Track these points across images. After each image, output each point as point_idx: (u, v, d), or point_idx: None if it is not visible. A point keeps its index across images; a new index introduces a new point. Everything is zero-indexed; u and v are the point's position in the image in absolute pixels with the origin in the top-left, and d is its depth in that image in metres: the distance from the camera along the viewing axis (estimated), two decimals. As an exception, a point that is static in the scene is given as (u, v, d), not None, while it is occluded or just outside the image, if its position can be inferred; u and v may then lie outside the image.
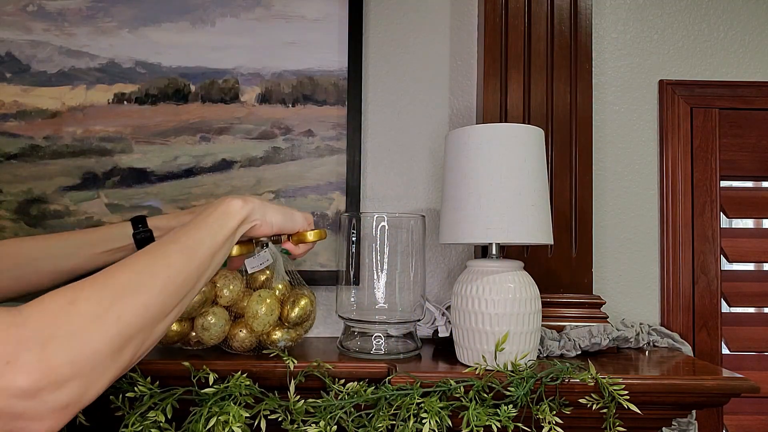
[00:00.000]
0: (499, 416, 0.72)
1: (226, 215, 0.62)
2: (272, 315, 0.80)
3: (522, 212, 0.76)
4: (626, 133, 1.08)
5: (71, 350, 0.41)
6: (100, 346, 0.43)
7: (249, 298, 0.81)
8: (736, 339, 1.02)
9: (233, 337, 0.82)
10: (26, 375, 0.38)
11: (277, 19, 1.05)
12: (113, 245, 0.80)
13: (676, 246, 1.04)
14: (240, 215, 0.64)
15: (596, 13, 1.08)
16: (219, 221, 0.61)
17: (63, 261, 0.77)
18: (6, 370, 0.37)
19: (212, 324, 0.80)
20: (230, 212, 0.63)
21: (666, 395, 0.75)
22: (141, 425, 0.71)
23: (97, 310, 0.44)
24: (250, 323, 0.80)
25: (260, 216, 0.67)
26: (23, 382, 0.37)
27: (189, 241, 0.56)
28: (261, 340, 0.83)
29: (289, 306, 0.81)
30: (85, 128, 1.02)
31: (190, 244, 0.56)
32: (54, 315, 0.41)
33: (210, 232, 0.59)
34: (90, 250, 0.79)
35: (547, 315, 0.91)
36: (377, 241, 0.90)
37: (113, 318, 0.44)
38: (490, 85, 0.98)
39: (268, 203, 0.70)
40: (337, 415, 0.73)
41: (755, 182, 1.09)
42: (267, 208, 0.69)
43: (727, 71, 1.08)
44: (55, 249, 0.78)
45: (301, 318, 0.82)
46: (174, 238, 0.56)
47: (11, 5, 1.03)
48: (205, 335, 0.80)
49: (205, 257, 0.57)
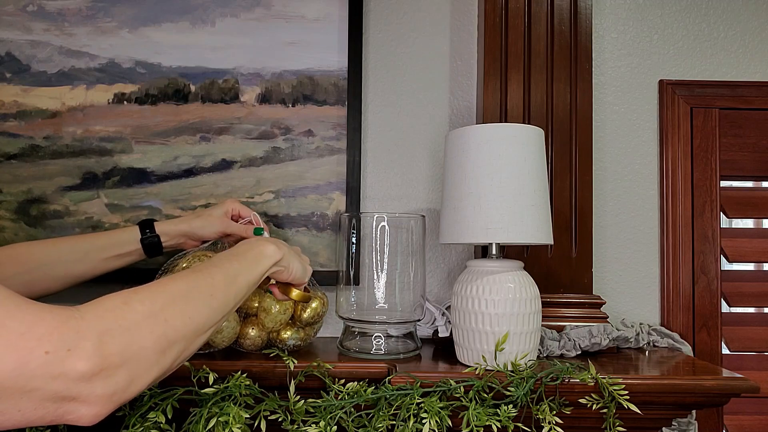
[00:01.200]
0: (499, 416, 0.72)
1: (261, 256, 0.67)
2: (285, 314, 0.81)
3: (522, 212, 0.76)
4: (626, 133, 1.08)
5: (122, 343, 0.45)
6: (147, 343, 0.47)
7: (261, 296, 0.82)
8: (736, 339, 1.02)
9: (244, 336, 0.83)
10: (85, 361, 0.42)
11: (277, 19, 1.05)
12: (121, 250, 0.82)
13: (676, 246, 1.04)
14: (273, 259, 0.69)
15: (596, 13, 1.08)
16: (255, 260, 0.66)
17: (73, 266, 0.79)
18: (67, 356, 0.41)
19: (224, 326, 0.80)
20: (266, 254, 0.68)
21: (666, 395, 0.75)
22: (141, 426, 0.71)
23: (149, 311, 0.49)
24: (262, 319, 0.81)
25: (286, 264, 0.72)
26: (82, 368, 0.42)
27: (230, 269, 0.62)
28: (271, 338, 0.84)
29: (301, 306, 0.82)
30: (85, 128, 1.02)
31: (230, 272, 0.61)
32: (109, 311, 0.46)
33: (247, 266, 0.65)
34: (99, 254, 0.80)
35: (547, 315, 0.91)
36: (377, 241, 0.90)
37: (161, 320, 0.49)
38: (490, 85, 0.98)
39: (293, 253, 0.74)
40: (337, 415, 0.73)
41: (755, 182, 1.09)
42: (292, 259, 0.73)
43: (727, 71, 1.08)
44: (65, 254, 0.79)
45: (312, 319, 0.83)
46: (217, 263, 0.62)
47: (11, 5, 1.03)
48: (218, 338, 0.80)
49: (242, 287, 0.62)
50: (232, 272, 0.61)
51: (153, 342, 0.48)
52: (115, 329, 0.45)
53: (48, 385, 0.41)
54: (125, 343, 0.45)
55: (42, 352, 0.40)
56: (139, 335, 0.47)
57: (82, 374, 0.42)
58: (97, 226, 1.01)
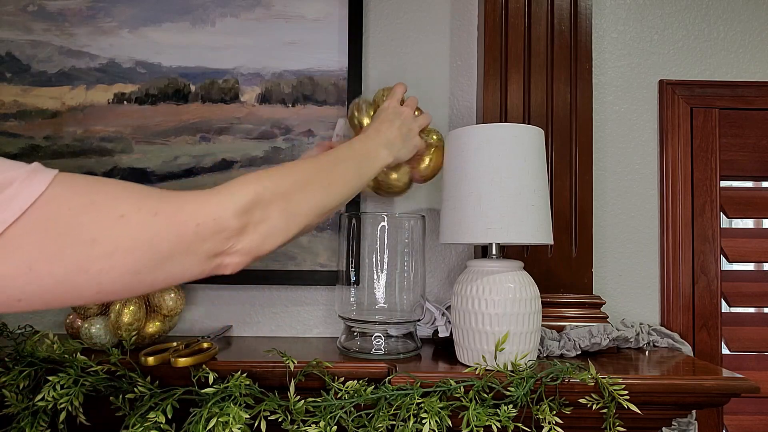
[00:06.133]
0: (499, 416, 0.72)
1: (376, 159, 0.75)
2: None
3: (522, 212, 0.76)
4: (626, 133, 1.08)
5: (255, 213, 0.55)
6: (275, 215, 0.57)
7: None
8: (736, 339, 1.02)
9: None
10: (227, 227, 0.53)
11: (277, 19, 1.05)
12: None
13: (676, 246, 1.04)
14: (385, 162, 0.77)
15: (596, 13, 1.08)
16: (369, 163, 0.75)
17: None
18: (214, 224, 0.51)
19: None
20: (379, 158, 0.76)
21: (666, 395, 0.75)
22: (141, 426, 0.71)
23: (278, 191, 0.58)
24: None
25: (396, 161, 0.79)
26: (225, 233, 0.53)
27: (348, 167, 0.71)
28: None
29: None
30: (85, 128, 1.02)
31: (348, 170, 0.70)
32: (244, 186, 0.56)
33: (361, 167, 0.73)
34: None
35: (547, 315, 0.91)
36: (377, 241, 0.90)
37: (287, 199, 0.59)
38: (490, 85, 0.98)
39: (402, 143, 0.80)
40: (338, 415, 0.73)
41: (755, 182, 1.09)
42: (402, 151, 0.80)
43: (727, 71, 1.08)
44: None
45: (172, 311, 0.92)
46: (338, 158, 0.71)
47: (11, 5, 1.03)
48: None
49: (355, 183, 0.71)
50: (349, 170, 0.70)
51: (278, 215, 0.58)
52: (249, 200, 0.54)
53: (202, 247, 0.51)
54: (259, 212, 0.55)
55: (194, 225, 0.50)
56: (270, 209, 0.57)
57: (226, 237, 0.52)
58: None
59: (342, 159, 0.71)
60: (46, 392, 0.73)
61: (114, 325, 0.86)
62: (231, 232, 0.53)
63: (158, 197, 0.49)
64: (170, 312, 0.91)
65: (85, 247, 0.44)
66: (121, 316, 0.86)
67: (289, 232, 0.60)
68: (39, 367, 0.78)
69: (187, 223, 0.50)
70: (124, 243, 0.46)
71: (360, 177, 0.72)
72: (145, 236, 0.47)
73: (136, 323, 0.87)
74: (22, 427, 0.74)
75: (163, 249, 0.48)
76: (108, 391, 0.76)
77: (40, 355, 0.78)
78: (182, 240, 0.49)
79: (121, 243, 0.46)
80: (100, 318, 0.88)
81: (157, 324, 0.91)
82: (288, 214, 0.59)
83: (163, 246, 0.48)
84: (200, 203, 0.51)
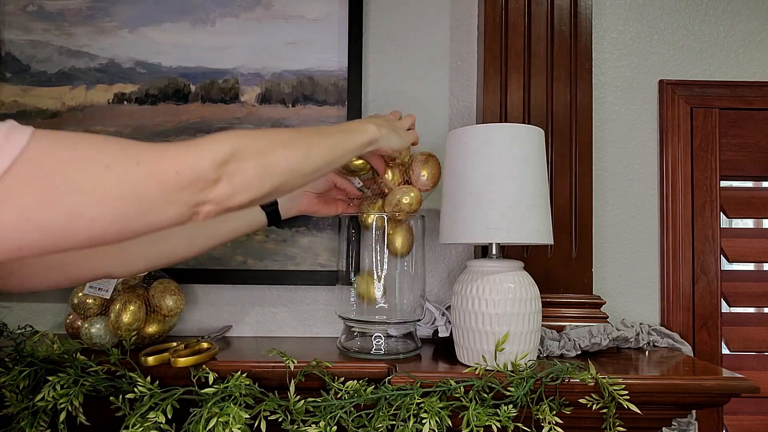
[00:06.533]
0: (499, 416, 0.72)
1: (361, 131, 0.76)
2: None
3: (522, 212, 0.76)
4: (626, 133, 1.08)
5: (232, 164, 0.57)
6: (250, 168, 0.59)
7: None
8: (736, 339, 1.02)
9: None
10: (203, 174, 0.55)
11: (277, 19, 1.05)
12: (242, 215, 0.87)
13: (676, 246, 1.04)
14: (371, 135, 0.77)
15: (596, 13, 1.08)
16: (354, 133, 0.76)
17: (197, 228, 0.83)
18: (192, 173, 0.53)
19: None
20: (365, 131, 0.77)
21: (666, 395, 0.75)
22: (141, 426, 0.71)
23: (254, 146, 0.60)
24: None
25: (385, 142, 0.79)
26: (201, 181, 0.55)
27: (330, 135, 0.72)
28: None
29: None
30: (85, 128, 1.02)
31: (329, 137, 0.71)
32: (220, 142, 0.57)
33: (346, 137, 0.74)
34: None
35: (547, 315, 0.91)
36: (377, 241, 0.90)
37: (263, 155, 0.61)
38: (490, 85, 0.98)
39: (390, 129, 0.81)
40: (338, 415, 0.73)
41: (755, 182, 1.09)
42: (391, 136, 0.80)
43: (727, 71, 1.08)
44: None
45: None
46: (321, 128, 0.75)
47: (11, 5, 1.03)
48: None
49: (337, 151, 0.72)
50: (332, 137, 0.72)
51: (253, 170, 0.59)
52: (226, 153, 0.56)
53: (181, 195, 0.53)
54: (234, 165, 0.57)
55: (174, 173, 0.52)
56: (245, 162, 0.58)
57: (202, 188, 0.54)
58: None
59: (326, 129, 0.74)
60: (46, 392, 0.73)
61: (114, 325, 0.86)
62: (207, 182, 0.55)
63: (138, 148, 0.52)
64: (170, 312, 0.91)
65: (77, 195, 0.47)
66: (121, 316, 0.86)
67: (262, 188, 0.61)
68: (39, 367, 0.78)
69: (168, 171, 0.52)
70: (113, 191, 0.49)
71: (344, 145, 0.73)
72: (131, 184, 0.50)
73: (136, 323, 0.87)
74: (22, 427, 0.75)
75: (148, 196, 0.51)
76: (108, 391, 0.76)
77: (40, 355, 0.78)
78: (165, 187, 0.52)
79: (110, 191, 0.49)
80: (100, 318, 0.88)
81: (157, 324, 0.91)
82: (263, 171, 0.61)
83: (148, 193, 0.51)
84: (180, 153, 0.54)
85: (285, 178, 0.64)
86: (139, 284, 0.93)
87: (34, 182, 0.45)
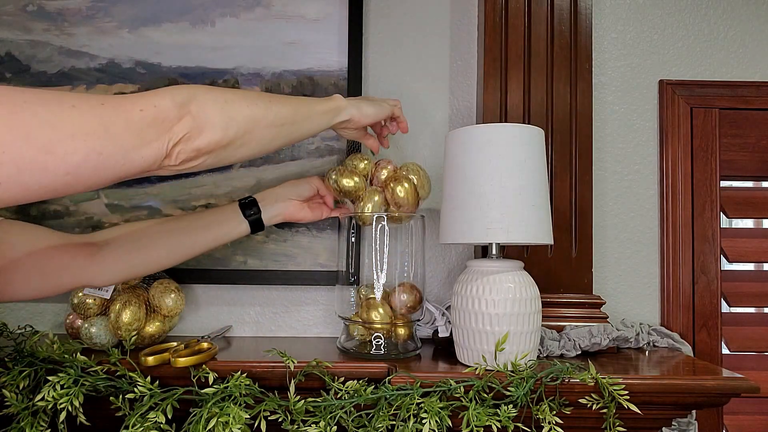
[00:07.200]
0: (499, 416, 0.72)
1: (330, 101, 0.79)
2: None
3: (522, 212, 0.76)
4: (626, 133, 1.08)
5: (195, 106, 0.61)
6: (213, 111, 0.62)
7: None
8: (736, 339, 1.02)
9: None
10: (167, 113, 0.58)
11: (277, 19, 1.05)
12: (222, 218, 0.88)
13: (676, 246, 1.04)
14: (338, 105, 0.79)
15: (596, 13, 1.08)
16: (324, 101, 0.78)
17: (178, 236, 0.85)
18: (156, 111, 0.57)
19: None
20: (336, 103, 0.79)
21: (666, 395, 0.75)
22: (141, 426, 0.71)
23: (215, 96, 0.63)
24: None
25: (355, 111, 0.81)
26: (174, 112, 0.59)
27: (297, 100, 0.75)
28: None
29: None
30: (85, 128, 1.02)
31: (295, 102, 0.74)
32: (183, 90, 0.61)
33: (313, 103, 0.77)
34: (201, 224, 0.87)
35: (547, 315, 0.92)
36: (377, 241, 0.90)
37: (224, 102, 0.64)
38: (490, 85, 0.98)
39: (362, 99, 0.83)
40: (338, 415, 0.73)
41: (755, 182, 1.09)
42: (361, 104, 0.81)
43: (727, 71, 1.08)
44: (171, 223, 0.87)
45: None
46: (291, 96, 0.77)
47: (11, 5, 1.03)
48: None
49: (302, 116, 0.74)
50: (296, 100, 0.75)
51: (214, 111, 0.62)
52: (185, 95, 0.60)
53: (148, 133, 0.56)
54: (195, 105, 0.60)
55: (138, 110, 0.56)
56: (205, 104, 0.61)
57: (168, 127, 0.58)
58: (97, 226, 1.01)
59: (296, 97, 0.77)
60: (46, 392, 0.73)
61: (114, 325, 0.86)
62: (171, 120, 0.58)
63: (99, 95, 0.56)
64: (170, 312, 0.91)
65: (48, 130, 0.50)
66: (121, 316, 0.86)
67: (228, 130, 0.63)
68: (39, 367, 0.78)
69: (131, 109, 0.56)
70: (82, 127, 0.52)
71: (310, 105, 0.75)
72: (99, 120, 0.53)
73: (136, 323, 0.87)
74: (22, 427, 0.75)
75: (117, 132, 0.54)
76: (108, 391, 0.76)
77: (40, 355, 0.78)
78: (131, 124, 0.55)
79: (80, 127, 0.52)
80: (100, 318, 0.88)
81: (157, 324, 0.91)
82: (224, 112, 0.63)
83: (117, 129, 0.54)
84: (140, 96, 0.58)
85: (249, 125, 0.66)
86: (139, 284, 0.93)
87: (3, 119, 0.48)
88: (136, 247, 0.83)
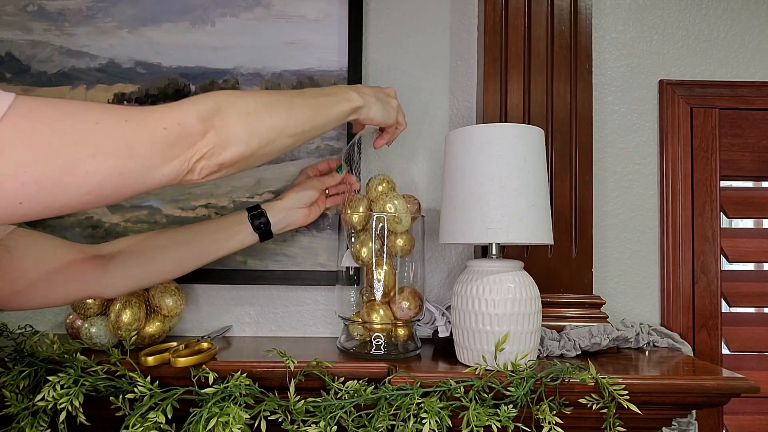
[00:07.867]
0: (499, 416, 0.72)
1: (344, 99, 0.77)
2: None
3: (522, 212, 0.76)
4: (626, 133, 1.08)
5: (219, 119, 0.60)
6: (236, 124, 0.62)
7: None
8: (736, 339, 1.02)
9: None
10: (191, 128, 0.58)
11: (277, 19, 1.05)
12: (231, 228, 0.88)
13: (676, 246, 1.04)
14: (354, 104, 0.78)
15: (596, 13, 1.08)
16: (337, 99, 0.77)
17: (184, 248, 0.85)
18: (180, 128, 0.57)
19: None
20: (348, 98, 0.78)
21: (666, 395, 0.75)
22: (141, 426, 0.71)
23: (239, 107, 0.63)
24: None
25: (366, 111, 0.80)
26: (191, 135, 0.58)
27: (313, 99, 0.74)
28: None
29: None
30: (85, 128, 1.02)
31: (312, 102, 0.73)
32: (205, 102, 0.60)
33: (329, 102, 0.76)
34: (209, 234, 0.87)
35: (547, 315, 0.92)
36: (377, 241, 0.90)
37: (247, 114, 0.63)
38: (490, 85, 0.98)
39: (376, 99, 0.82)
40: (338, 415, 0.73)
41: (755, 182, 1.09)
42: (372, 106, 0.81)
43: (727, 71, 1.08)
44: (177, 234, 0.86)
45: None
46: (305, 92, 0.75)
47: (11, 5, 1.03)
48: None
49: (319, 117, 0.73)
50: (313, 99, 0.73)
51: (238, 123, 0.62)
52: (210, 108, 0.59)
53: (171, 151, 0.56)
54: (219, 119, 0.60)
55: (162, 128, 0.55)
56: (229, 117, 0.61)
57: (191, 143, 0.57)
58: (96, 226, 1.01)
59: (310, 92, 0.75)
60: (46, 392, 0.73)
61: (114, 325, 0.86)
62: (195, 136, 0.57)
63: (123, 108, 0.55)
64: (170, 312, 0.91)
65: (70, 148, 0.49)
66: (121, 316, 0.86)
67: (250, 143, 0.63)
68: (39, 367, 0.78)
69: (155, 127, 0.54)
70: (104, 146, 0.51)
71: (325, 110, 0.74)
72: (122, 139, 0.52)
73: (136, 323, 0.87)
74: (22, 427, 0.75)
75: (140, 151, 0.53)
76: (108, 391, 0.76)
77: (40, 355, 0.78)
78: (154, 143, 0.54)
79: (102, 146, 0.51)
80: (100, 318, 0.88)
81: (157, 324, 0.91)
82: (248, 126, 0.63)
83: (140, 148, 0.53)
84: (165, 111, 0.56)
85: (271, 136, 0.65)
86: (139, 284, 0.93)
87: (26, 136, 0.47)
88: (144, 261, 0.83)
